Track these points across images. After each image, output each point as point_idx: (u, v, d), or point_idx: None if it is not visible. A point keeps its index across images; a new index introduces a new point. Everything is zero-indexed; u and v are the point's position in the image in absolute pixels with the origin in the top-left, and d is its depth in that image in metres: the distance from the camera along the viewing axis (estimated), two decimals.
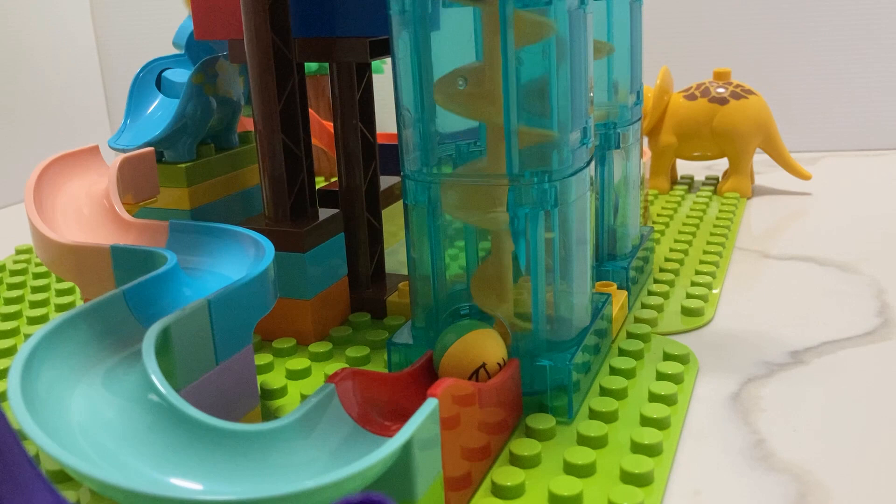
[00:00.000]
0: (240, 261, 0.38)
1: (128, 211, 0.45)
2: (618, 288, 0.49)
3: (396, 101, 0.39)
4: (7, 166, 0.89)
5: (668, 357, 0.42)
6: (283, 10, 0.46)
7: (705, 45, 0.92)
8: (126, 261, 0.38)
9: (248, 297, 0.34)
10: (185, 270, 0.38)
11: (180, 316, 0.30)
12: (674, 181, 0.79)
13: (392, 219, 0.57)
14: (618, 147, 0.49)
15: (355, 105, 0.50)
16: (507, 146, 0.36)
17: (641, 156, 0.56)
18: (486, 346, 0.36)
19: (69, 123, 0.98)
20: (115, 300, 0.32)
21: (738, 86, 0.74)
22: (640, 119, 0.51)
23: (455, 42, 0.38)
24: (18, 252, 0.67)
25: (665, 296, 0.51)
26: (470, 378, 0.35)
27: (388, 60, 0.64)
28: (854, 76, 0.90)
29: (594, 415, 0.37)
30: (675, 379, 0.40)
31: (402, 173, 0.39)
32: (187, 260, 0.39)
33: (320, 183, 0.87)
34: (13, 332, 0.51)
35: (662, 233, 0.64)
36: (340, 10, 0.47)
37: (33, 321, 0.52)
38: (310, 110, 0.57)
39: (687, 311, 0.49)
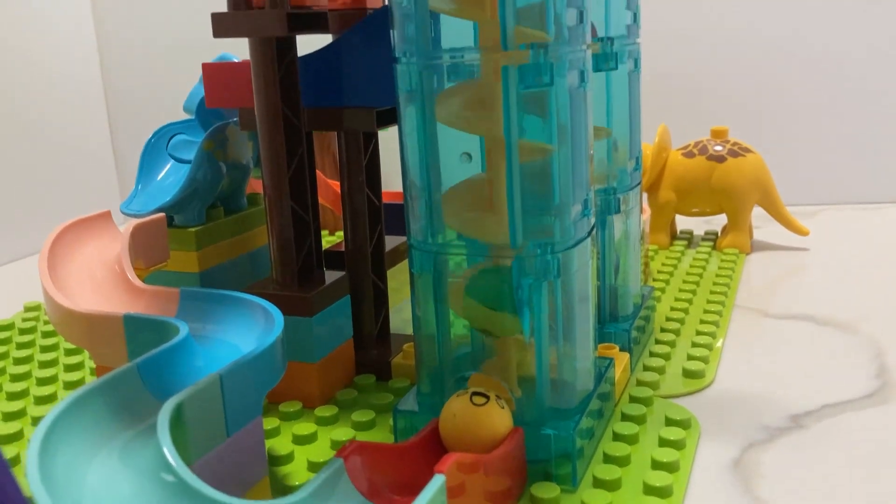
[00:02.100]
0: (250, 329, 0.39)
1: (139, 275, 0.46)
2: (620, 350, 0.49)
3: (403, 173, 0.40)
4: (16, 220, 0.90)
5: (670, 422, 0.43)
6: (293, 82, 0.47)
7: (703, 102, 0.94)
8: (138, 330, 0.39)
9: (259, 370, 0.34)
10: (196, 339, 0.39)
11: (193, 392, 0.31)
12: (674, 236, 0.80)
13: (397, 275, 0.58)
14: (618, 211, 0.50)
15: (362, 171, 0.51)
16: (510, 220, 0.37)
17: (641, 213, 0.57)
18: (492, 415, 0.36)
19: (79, 179, 0.99)
20: (130, 374, 0.33)
21: (735, 144, 0.76)
22: (639, 183, 0.52)
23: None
24: (27, 309, 0.68)
25: (667, 357, 0.52)
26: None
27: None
28: (850, 129, 0.92)
29: (598, 483, 0.38)
30: (678, 445, 0.41)
31: (408, 241, 0.40)
32: (198, 328, 0.40)
33: (325, 236, 0.89)
34: (22, 394, 0.51)
35: (663, 290, 0.65)
36: (348, 81, 0.48)
37: (42, 382, 0.53)
38: (316, 171, 0.58)
39: (688, 374, 0.50)
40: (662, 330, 0.56)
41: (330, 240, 0.87)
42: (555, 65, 0.36)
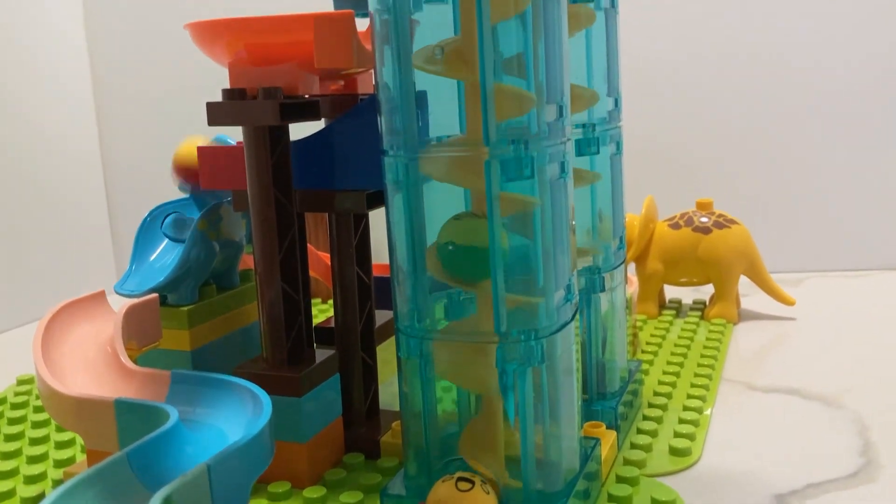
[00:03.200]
0: (239, 415, 0.39)
1: (131, 355, 0.47)
2: (607, 428, 0.50)
3: (391, 258, 0.41)
4: (9, 291, 0.91)
5: (655, 503, 0.43)
6: (285, 165, 0.48)
7: (688, 173, 0.96)
8: (129, 414, 0.39)
9: (246, 459, 0.35)
10: (185, 423, 0.39)
11: (181, 483, 0.32)
12: (662, 305, 0.81)
13: (388, 347, 0.59)
14: (603, 290, 0.51)
15: (352, 250, 0.52)
16: (495, 306, 0.38)
17: (628, 286, 0.58)
18: (477, 500, 0.37)
19: (74, 248, 1.00)
20: (120, 464, 0.33)
21: (720, 215, 0.77)
22: (623, 261, 0.54)
23: (446, 206, 0.40)
24: (20, 382, 0.68)
25: (654, 433, 0.53)
26: None
27: None
28: (834, 197, 0.94)
29: None
30: None
31: (395, 324, 0.41)
32: (188, 412, 0.41)
33: (317, 304, 0.89)
34: (12, 473, 0.51)
35: (651, 362, 0.66)
36: (339, 164, 0.50)
37: (32, 460, 0.53)
38: (308, 245, 0.59)
39: (675, 451, 0.50)
40: (650, 405, 0.57)
41: (322, 308, 0.88)
42: (536, 158, 0.37)
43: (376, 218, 0.66)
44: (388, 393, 0.59)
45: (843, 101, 0.92)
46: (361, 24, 0.47)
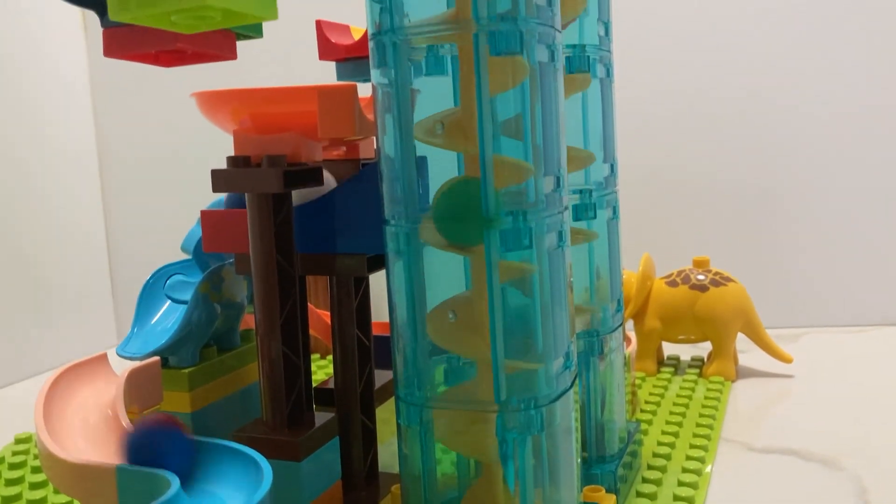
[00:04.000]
0: (239, 482, 0.40)
1: (132, 419, 0.47)
2: (606, 491, 0.50)
3: (391, 323, 0.41)
4: (6, 347, 0.91)
5: None
6: (288, 230, 0.49)
7: (684, 228, 0.97)
8: (131, 482, 0.39)
9: None
10: (185, 491, 0.39)
11: None
12: (661, 362, 0.82)
13: (388, 407, 0.59)
14: (601, 353, 0.52)
15: (353, 313, 0.53)
16: (495, 375, 0.38)
17: (626, 344, 0.58)
18: None
19: (73, 304, 1.01)
20: None
21: (717, 273, 0.78)
22: (621, 324, 0.54)
23: (446, 276, 0.41)
24: (18, 441, 0.68)
25: (653, 497, 0.52)
26: None
27: None
28: (832, 252, 0.95)
29: None
30: None
31: (395, 392, 0.41)
32: (188, 479, 0.41)
33: (316, 360, 0.90)
34: None
35: (650, 422, 0.66)
36: (341, 228, 0.50)
37: None
38: (309, 305, 0.60)
39: None
40: (649, 467, 0.57)
41: (320, 364, 0.88)
42: (534, 229, 0.38)
43: (376, 275, 0.67)
44: (388, 453, 0.59)
45: (839, 155, 0.93)
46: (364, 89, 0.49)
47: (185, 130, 1.00)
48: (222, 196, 0.59)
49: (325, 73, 0.59)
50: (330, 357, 0.88)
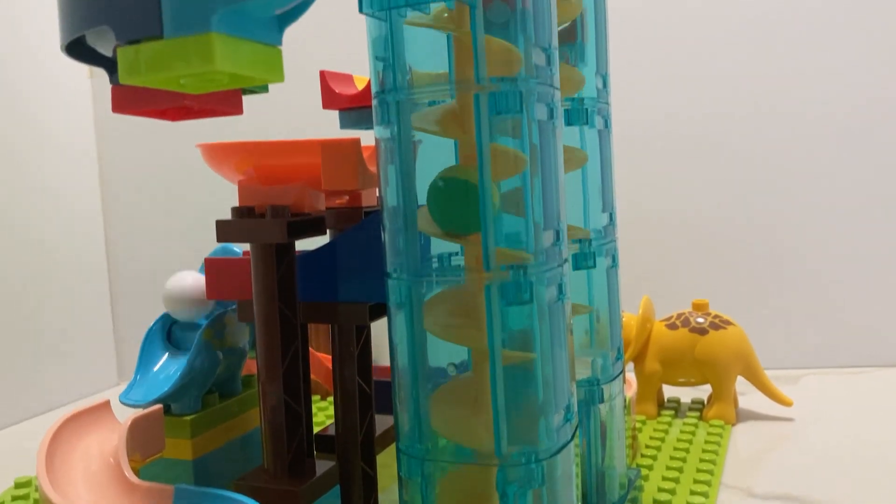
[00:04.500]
0: None
1: (134, 466, 0.47)
2: None
3: (392, 375, 0.42)
4: (8, 384, 0.91)
5: None
6: (291, 279, 0.50)
7: (683, 270, 0.97)
8: None
9: None
10: None
11: None
12: (661, 405, 0.82)
13: (389, 452, 0.59)
14: (601, 402, 0.52)
15: (354, 361, 0.53)
16: (495, 429, 0.39)
17: (626, 387, 0.58)
18: None
19: (74, 344, 1.01)
20: None
21: (716, 316, 0.78)
22: (621, 372, 0.54)
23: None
24: (18, 485, 0.68)
25: None
26: None
27: None
28: (833, 292, 0.95)
29: None
30: None
31: (396, 444, 0.42)
32: None
33: (316, 401, 0.89)
34: None
35: (651, 467, 0.66)
36: (343, 277, 0.51)
37: None
38: (310, 349, 0.60)
39: None
40: None
41: (321, 405, 0.88)
42: (534, 283, 0.39)
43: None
44: (389, 501, 0.59)
45: (838, 196, 0.94)
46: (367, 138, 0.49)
47: (189, 176, 1.01)
48: (227, 243, 0.59)
49: (328, 122, 0.60)
50: (330, 399, 0.88)
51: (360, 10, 0.37)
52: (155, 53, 0.31)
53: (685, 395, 0.85)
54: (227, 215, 0.50)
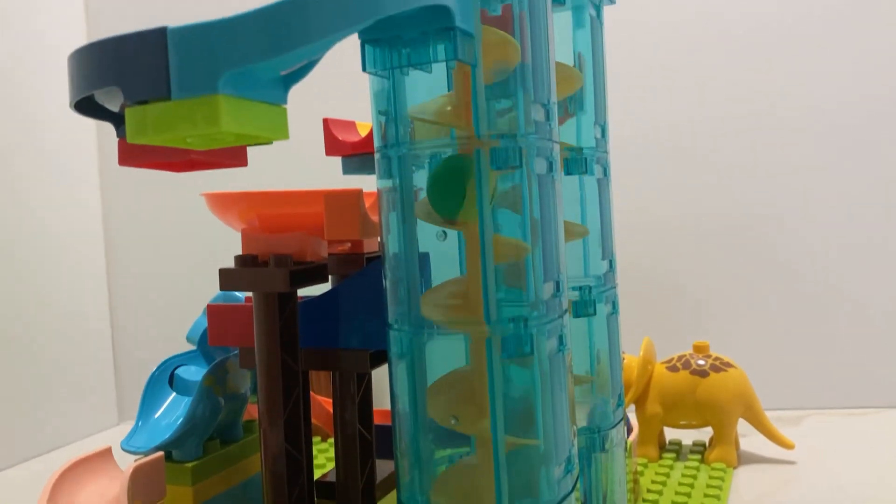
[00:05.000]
0: None
1: None
2: None
3: (393, 427, 0.42)
4: (9, 427, 0.91)
5: None
6: (293, 327, 0.50)
7: (683, 310, 0.97)
8: None
9: None
10: None
11: None
12: (662, 447, 0.81)
13: (390, 500, 0.59)
14: (603, 450, 0.52)
15: (355, 406, 0.53)
16: (496, 481, 0.39)
17: (627, 438, 0.58)
18: None
19: (75, 386, 1.01)
20: None
21: (717, 358, 0.78)
22: (622, 419, 0.55)
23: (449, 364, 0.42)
24: None
25: None
26: None
27: None
28: (835, 332, 0.95)
29: None
30: None
31: (398, 497, 0.42)
32: None
33: (317, 443, 0.89)
34: None
35: None
36: (344, 324, 0.51)
37: None
38: (311, 393, 0.60)
39: None
40: None
41: (321, 447, 0.88)
42: (535, 336, 0.39)
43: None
44: None
45: (839, 237, 0.94)
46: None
47: (192, 222, 1.02)
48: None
49: (331, 168, 0.61)
50: (331, 441, 0.87)
51: (364, 70, 0.38)
52: (162, 114, 0.32)
53: (687, 437, 0.85)
54: (231, 262, 0.51)
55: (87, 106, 0.38)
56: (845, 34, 0.93)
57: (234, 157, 0.43)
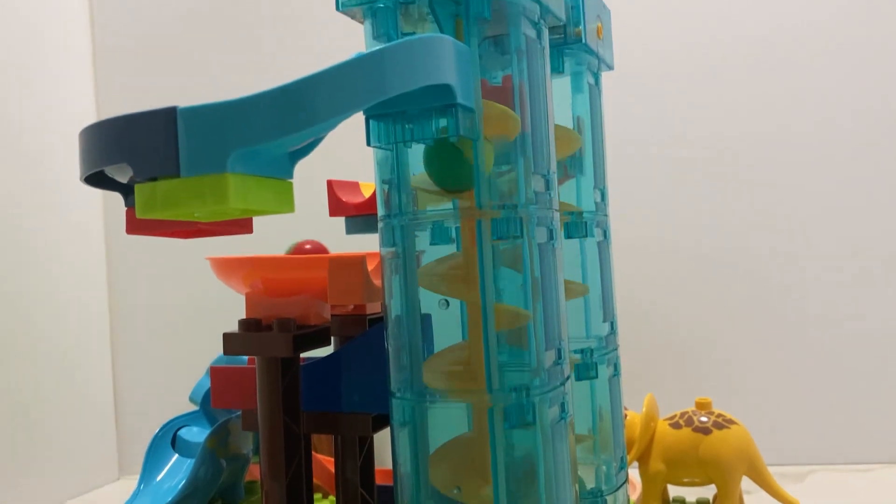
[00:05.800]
0: None
1: None
2: None
3: (395, 494, 0.42)
4: (10, 482, 0.90)
5: None
6: (295, 390, 0.50)
7: (686, 366, 0.97)
8: None
9: None
10: None
11: None
12: None
13: None
14: None
15: (357, 471, 0.53)
16: None
17: (631, 490, 0.58)
18: None
19: (75, 443, 1.00)
20: None
21: (719, 415, 0.78)
22: (625, 482, 0.54)
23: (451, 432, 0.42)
24: None
25: None
26: None
27: None
28: (840, 386, 0.94)
29: None
30: None
31: None
32: None
33: (318, 500, 0.88)
34: None
35: None
36: (347, 388, 0.51)
37: None
38: (313, 453, 0.60)
39: None
40: None
41: None
42: (537, 405, 0.39)
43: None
44: None
45: (840, 291, 0.95)
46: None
47: (196, 284, 1.02)
48: None
49: (334, 228, 0.62)
50: (332, 498, 0.87)
51: (368, 144, 0.39)
52: (171, 191, 0.32)
53: (690, 494, 0.84)
54: (235, 322, 0.51)
55: (96, 178, 0.39)
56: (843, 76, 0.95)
57: (241, 225, 0.43)
